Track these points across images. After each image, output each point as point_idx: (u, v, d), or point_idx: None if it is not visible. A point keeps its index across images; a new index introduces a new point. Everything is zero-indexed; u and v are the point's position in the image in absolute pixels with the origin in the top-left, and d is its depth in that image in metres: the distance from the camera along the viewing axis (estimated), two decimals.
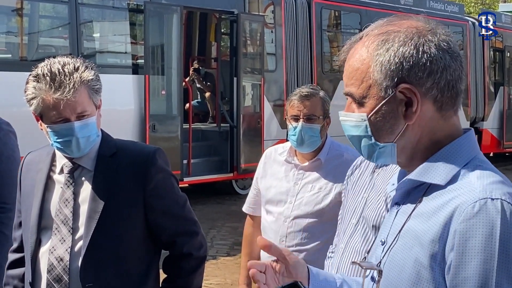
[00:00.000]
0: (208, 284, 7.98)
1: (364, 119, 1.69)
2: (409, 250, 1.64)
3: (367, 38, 1.71)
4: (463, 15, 19.74)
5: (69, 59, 2.64)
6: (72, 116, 2.59)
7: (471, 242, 1.54)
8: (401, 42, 1.65)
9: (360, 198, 2.91)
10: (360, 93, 1.69)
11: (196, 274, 2.87)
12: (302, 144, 3.76)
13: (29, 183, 2.81)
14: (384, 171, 2.86)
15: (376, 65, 1.66)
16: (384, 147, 1.70)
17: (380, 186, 2.84)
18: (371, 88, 1.67)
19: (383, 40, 1.67)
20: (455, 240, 1.55)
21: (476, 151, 1.70)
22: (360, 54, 1.70)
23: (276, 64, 14.15)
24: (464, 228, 1.54)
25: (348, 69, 1.72)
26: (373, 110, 1.67)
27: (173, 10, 12.15)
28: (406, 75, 1.64)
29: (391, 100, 1.66)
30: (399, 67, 1.64)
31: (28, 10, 11.09)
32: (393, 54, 1.64)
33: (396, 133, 1.68)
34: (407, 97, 1.65)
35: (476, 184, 1.59)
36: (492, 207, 1.54)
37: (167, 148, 11.20)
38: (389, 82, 1.65)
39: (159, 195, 2.75)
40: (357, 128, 1.72)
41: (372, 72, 1.66)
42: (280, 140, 12.29)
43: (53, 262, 2.66)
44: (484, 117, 19.38)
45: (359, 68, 1.69)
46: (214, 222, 11.52)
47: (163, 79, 12.20)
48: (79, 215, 2.68)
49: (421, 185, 1.69)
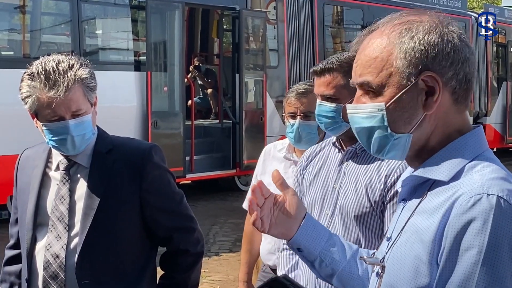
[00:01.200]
0: (210, 281, 7.99)
1: (381, 108, 1.66)
2: (410, 246, 1.64)
3: (386, 28, 1.69)
4: (466, 10, 19.70)
5: (63, 57, 2.63)
6: (67, 114, 2.59)
7: (461, 236, 1.53)
8: (425, 31, 1.65)
9: (329, 189, 2.88)
10: (378, 81, 1.66)
11: (194, 270, 2.87)
12: (299, 141, 3.76)
13: (25, 179, 2.81)
14: (356, 162, 2.85)
15: (400, 52, 1.64)
16: (399, 138, 1.67)
17: (354, 177, 2.82)
18: (391, 76, 1.65)
19: (407, 28, 1.66)
20: (448, 234, 1.55)
21: (483, 148, 1.68)
22: (380, 43, 1.68)
23: (278, 60, 14.15)
24: (456, 222, 1.54)
25: (363, 59, 1.70)
26: (393, 98, 1.65)
27: (175, 6, 12.15)
28: (430, 63, 1.63)
29: (412, 88, 1.64)
30: (424, 55, 1.63)
31: (30, 7, 11.09)
32: (418, 41, 1.64)
33: (413, 123, 1.66)
34: (428, 86, 1.64)
35: (476, 180, 1.58)
36: (486, 203, 1.53)
37: (169, 145, 11.24)
38: (413, 70, 1.64)
39: (155, 191, 2.75)
40: (371, 119, 1.68)
41: (395, 60, 1.65)
42: (283, 136, 12.28)
43: (49, 259, 2.66)
44: (487, 113, 19.35)
45: (378, 56, 1.67)
46: (217, 218, 11.52)
47: (165, 75, 12.21)
48: (75, 212, 2.68)
49: (427, 181, 1.68)
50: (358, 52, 1.74)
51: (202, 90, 15.75)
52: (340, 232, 2.83)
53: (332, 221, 2.85)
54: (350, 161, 2.87)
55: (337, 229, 2.84)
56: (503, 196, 1.54)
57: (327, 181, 2.91)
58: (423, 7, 16.89)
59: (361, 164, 2.84)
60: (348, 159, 2.88)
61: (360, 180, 2.80)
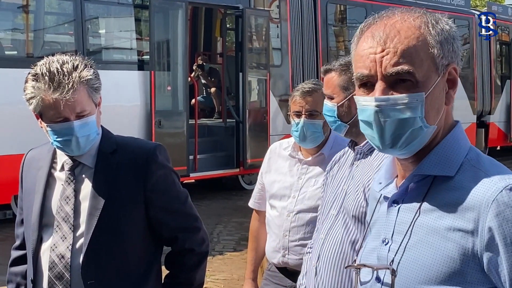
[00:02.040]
0: (214, 280, 7.99)
1: (420, 99, 1.63)
2: (431, 246, 1.61)
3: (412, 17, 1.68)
4: (469, 8, 19.67)
5: (68, 57, 2.63)
6: (72, 115, 2.59)
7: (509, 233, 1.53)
8: (448, 26, 1.68)
9: (339, 190, 2.91)
10: (419, 71, 1.63)
11: (199, 270, 2.87)
12: (304, 140, 3.77)
13: (30, 180, 2.81)
14: (363, 164, 2.87)
15: (437, 43, 1.65)
16: (428, 130, 1.65)
17: (358, 177, 2.85)
18: (429, 67, 1.65)
19: (435, 19, 1.68)
20: (494, 235, 1.54)
21: (468, 141, 1.70)
22: (413, 31, 1.65)
23: (281, 59, 14.14)
24: (498, 222, 1.53)
25: (398, 47, 1.65)
26: (430, 89, 1.63)
27: (179, 5, 12.15)
28: (454, 56, 1.67)
29: (441, 80, 1.66)
30: (451, 47, 1.66)
31: (33, 7, 11.10)
32: (448, 33, 1.67)
33: (439, 115, 1.66)
34: (449, 79, 1.66)
35: (491, 173, 1.58)
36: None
37: (173, 144, 11.24)
38: (445, 61, 1.65)
39: (160, 191, 2.75)
40: (409, 110, 1.63)
41: (432, 49, 1.64)
42: (286, 135, 12.28)
43: (54, 260, 2.67)
44: (490, 111, 19.32)
45: (416, 44, 1.65)
46: (221, 217, 11.52)
47: (168, 75, 12.21)
48: (80, 212, 2.68)
49: (424, 179, 1.66)
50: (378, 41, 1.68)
51: (206, 89, 15.75)
52: (339, 232, 2.84)
53: (336, 221, 2.87)
54: (359, 162, 2.89)
55: (337, 230, 2.85)
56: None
57: (339, 183, 2.94)
58: (426, 5, 16.87)
59: (367, 165, 2.86)
60: (358, 159, 2.91)
61: (361, 181, 2.82)
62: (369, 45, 1.69)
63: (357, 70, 1.71)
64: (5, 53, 10.77)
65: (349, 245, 2.81)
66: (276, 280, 3.91)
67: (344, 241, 2.83)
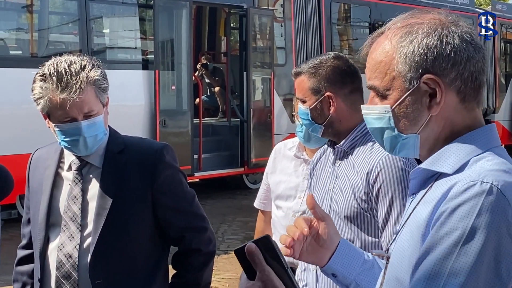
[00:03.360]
0: (220, 279, 8.00)
1: (387, 110, 1.70)
2: (411, 236, 1.65)
3: (390, 32, 1.72)
4: (474, 6, 19.65)
5: (75, 57, 2.64)
6: (79, 115, 2.60)
7: (447, 218, 1.54)
8: (424, 34, 1.67)
9: (326, 190, 2.91)
10: (383, 85, 1.70)
11: (206, 270, 2.88)
12: (309, 140, 3.76)
13: (37, 180, 2.82)
14: (346, 163, 2.87)
15: (400, 56, 1.67)
16: (407, 138, 1.70)
17: (343, 177, 2.85)
18: (395, 80, 1.68)
19: (407, 32, 1.68)
20: (437, 217, 1.56)
21: (493, 144, 1.68)
22: (383, 47, 1.71)
23: (286, 58, 14.13)
24: (446, 206, 1.55)
25: (371, 62, 1.74)
26: (397, 101, 1.68)
27: (183, 5, 12.15)
28: (430, 66, 1.65)
29: (415, 91, 1.66)
30: (423, 58, 1.65)
31: (38, 7, 11.11)
32: (417, 45, 1.66)
33: (419, 124, 1.68)
34: (431, 88, 1.65)
35: (475, 171, 1.59)
36: (478, 188, 1.53)
37: (177, 143, 11.24)
38: (414, 73, 1.66)
39: (167, 191, 2.76)
40: (380, 120, 1.72)
41: (396, 64, 1.67)
42: (291, 134, 12.28)
43: (61, 259, 2.68)
44: (495, 109, 19.30)
45: (383, 60, 1.70)
46: (225, 216, 11.53)
47: (173, 74, 12.21)
48: (88, 212, 2.69)
49: (435, 174, 1.69)
50: (368, 55, 1.77)
51: (210, 89, 15.75)
52: None
53: None
54: (341, 161, 2.89)
55: None
56: (497, 185, 1.54)
57: (324, 182, 2.95)
58: (430, 4, 16.79)
59: (349, 163, 2.86)
60: (339, 158, 2.91)
61: (348, 180, 2.82)
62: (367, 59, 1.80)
63: None
64: (9, 53, 10.79)
65: None
66: None
67: None
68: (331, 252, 1.95)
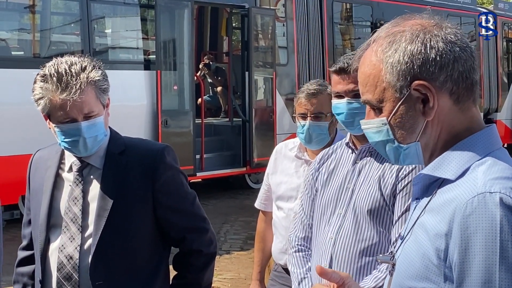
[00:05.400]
0: (222, 279, 7.99)
1: (384, 123, 1.70)
2: (419, 244, 1.65)
3: (375, 43, 1.72)
4: (476, 6, 19.63)
5: (76, 58, 2.64)
6: (79, 116, 2.60)
7: (472, 239, 1.53)
8: (407, 41, 1.67)
9: (343, 189, 2.91)
10: (376, 98, 1.71)
11: (207, 271, 2.88)
12: (310, 142, 3.76)
13: (38, 181, 2.82)
14: (370, 160, 2.89)
15: (387, 67, 1.67)
16: (408, 148, 1.71)
17: (368, 173, 2.86)
18: (385, 91, 1.69)
19: (390, 41, 1.69)
20: (458, 236, 1.55)
21: (494, 147, 1.69)
22: (370, 60, 1.71)
23: (287, 58, 14.13)
24: (465, 224, 1.54)
25: (361, 77, 1.74)
26: (391, 112, 1.69)
27: (184, 5, 12.15)
28: (418, 72, 1.65)
29: (407, 99, 1.67)
30: (409, 66, 1.65)
31: (40, 7, 11.12)
32: (402, 53, 1.66)
33: (417, 131, 1.69)
34: (422, 93, 1.66)
35: (479, 179, 1.59)
36: (490, 202, 1.54)
37: (179, 143, 11.24)
38: (403, 82, 1.66)
39: (168, 192, 2.75)
40: (379, 134, 1.73)
41: (384, 75, 1.68)
42: (293, 134, 12.28)
43: (62, 260, 2.67)
44: (497, 108, 19.27)
45: (371, 73, 1.70)
46: (227, 216, 11.53)
47: (175, 74, 12.21)
48: (88, 213, 2.69)
49: (438, 179, 1.69)
50: (358, 69, 1.77)
51: (212, 88, 15.75)
52: (350, 230, 2.84)
53: (345, 220, 2.86)
54: (364, 160, 2.91)
55: (348, 228, 2.85)
56: (506, 193, 1.55)
57: (341, 181, 2.93)
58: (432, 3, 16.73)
59: (375, 161, 2.87)
60: (362, 158, 2.91)
61: (373, 175, 2.84)
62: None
63: None
64: (11, 54, 10.79)
65: (361, 244, 2.81)
66: (282, 281, 3.91)
67: (357, 240, 2.82)
68: None
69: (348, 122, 2.95)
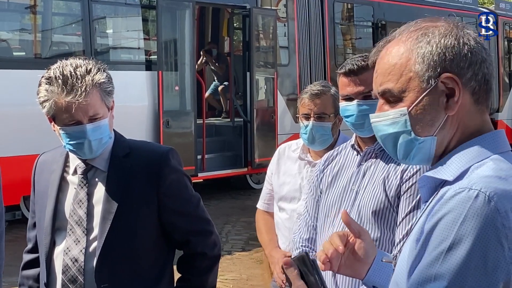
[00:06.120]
0: (223, 280, 7.99)
1: (403, 113, 1.70)
2: (410, 243, 1.66)
3: (402, 36, 1.73)
4: (477, 6, 19.63)
5: (81, 61, 2.64)
6: (84, 118, 2.60)
7: (434, 227, 1.56)
8: (441, 34, 1.69)
9: (348, 190, 2.92)
10: (398, 87, 1.70)
11: (211, 273, 2.88)
12: (313, 142, 3.77)
13: (43, 184, 2.82)
14: (376, 162, 2.89)
15: (418, 56, 1.68)
16: (424, 142, 1.70)
17: (373, 174, 2.87)
18: (411, 81, 1.69)
19: (423, 33, 1.70)
20: (425, 226, 1.59)
21: (499, 150, 1.68)
22: (397, 50, 1.71)
23: (289, 58, 14.13)
24: (434, 214, 1.57)
25: (382, 67, 1.73)
26: (414, 102, 1.68)
27: (186, 5, 12.15)
28: (448, 65, 1.67)
29: (432, 91, 1.67)
30: (441, 57, 1.67)
31: (41, 8, 11.12)
32: (435, 45, 1.68)
33: (436, 125, 1.69)
34: (448, 88, 1.67)
35: (470, 178, 1.60)
36: (465, 195, 1.54)
37: (181, 144, 11.24)
38: (432, 73, 1.67)
39: (173, 195, 2.76)
40: (394, 125, 1.72)
41: (413, 64, 1.68)
42: (294, 135, 12.27)
43: (67, 263, 2.68)
44: (499, 108, 19.26)
45: (397, 62, 1.70)
46: (229, 217, 11.53)
47: (176, 74, 12.22)
48: (93, 216, 2.69)
49: (442, 182, 1.69)
50: (376, 63, 1.77)
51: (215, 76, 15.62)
52: None
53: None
54: (369, 161, 2.91)
55: None
56: (485, 192, 1.54)
57: (346, 183, 2.93)
58: (434, 3, 16.66)
59: (380, 162, 2.87)
60: (367, 159, 2.91)
61: (378, 177, 2.84)
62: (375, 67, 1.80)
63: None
64: (13, 54, 10.80)
65: None
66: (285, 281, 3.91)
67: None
68: (368, 265, 1.97)
69: (358, 124, 2.93)
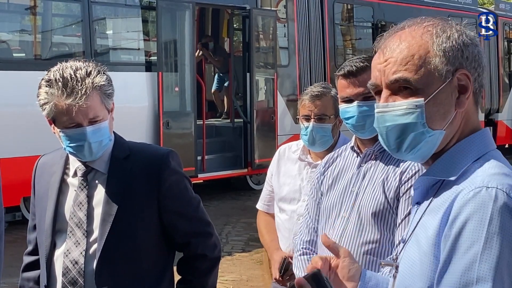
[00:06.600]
0: (223, 281, 7.98)
1: (420, 105, 1.70)
2: (420, 245, 1.68)
3: (417, 29, 1.75)
4: (477, 6, 19.63)
5: (81, 63, 2.65)
6: (84, 121, 2.61)
7: (464, 227, 1.58)
8: (459, 33, 1.73)
9: (348, 192, 2.93)
10: (417, 78, 1.71)
11: (211, 275, 2.88)
12: (313, 144, 3.77)
13: (43, 186, 2.82)
14: (375, 163, 2.90)
15: (439, 50, 1.70)
16: (433, 135, 1.71)
17: (372, 176, 2.87)
18: (430, 74, 1.71)
19: (441, 29, 1.73)
20: (449, 227, 1.60)
21: (490, 147, 1.74)
22: (415, 42, 1.73)
23: (289, 59, 14.14)
24: (459, 214, 1.59)
25: (398, 57, 1.73)
26: (431, 95, 1.70)
27: (186, 6, 12.16)
28: (464, 63, 1.71)
29: (448, 85, 1.70)
30: (459, 54, 1.71)
31: (41, 9, 11.12)
32: (455, 41, 1.71)
33: (447, 120, 1.71)
34: (459, 84, 1.70)
35: (478, 176, 1.63)
36: (486, 195, 1.58)
37: (181, 145, 11.25)
38: (450, 67, 1.70)
39: (173, 197, 2.76)
40: (407, 116, 1.72)
41: (434, 57, 1.70)
42: (294, 135, 12.28)
43: (68, 265, 2.68)
44: (499, 109, 19.27)
45: (416, 53, 1.72)
46: (229, 218, 11.53)
47: (176, 75, 12.22)
48: (93, 218, 2.69)
49: (438, 181, 1.72)
50: (384, 53, 1.77)
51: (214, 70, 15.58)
52: (353, 233, 2.85)
53: (348, 223, 2.87)
54: (369, 163, 2.92)
55: (351, 231, 2.86)
56: (503, 189, 1.59)
57: (346, 185, 2.94)
58: (433, 4, 16.65)
59: (380, 164, 2.88)
60: (367, 161, 2.92)
61: (378, 179, 2.85)
62: (378, 57, 1.79)
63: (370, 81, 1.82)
64: (13, 55, 10.79)
65: (365, 246, 2.82)
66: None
67: (360, 243, 2.83)
68: (356, 282, 1.96)
69: (359, 125, 2.93)
